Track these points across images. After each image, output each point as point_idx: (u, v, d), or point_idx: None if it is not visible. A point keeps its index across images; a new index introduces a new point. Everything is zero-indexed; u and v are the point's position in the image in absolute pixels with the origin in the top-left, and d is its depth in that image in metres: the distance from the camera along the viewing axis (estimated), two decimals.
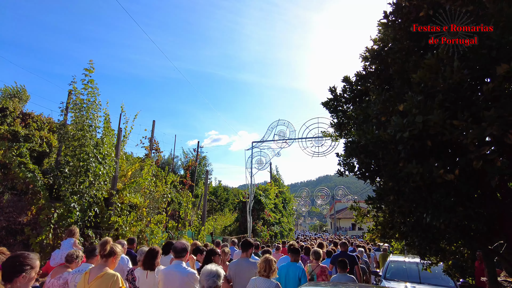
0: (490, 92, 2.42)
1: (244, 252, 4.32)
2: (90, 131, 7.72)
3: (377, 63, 4.00)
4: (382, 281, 6.55)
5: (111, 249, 3.20)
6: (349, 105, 4.64)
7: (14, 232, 7.75)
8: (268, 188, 20.97)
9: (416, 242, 3.57)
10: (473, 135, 2.33)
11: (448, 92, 2.61)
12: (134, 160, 10.99)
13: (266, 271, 3.54)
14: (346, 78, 4.55)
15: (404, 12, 3.38)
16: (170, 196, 10.60)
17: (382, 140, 3.04)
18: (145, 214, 8.93)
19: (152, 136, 14.01)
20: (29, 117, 10.79)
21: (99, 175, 7.69)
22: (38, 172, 7.05)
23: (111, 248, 3.20)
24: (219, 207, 27.33)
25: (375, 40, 4.10)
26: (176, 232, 10.77)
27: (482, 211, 3.04)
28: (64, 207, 6.79)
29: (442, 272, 4.83)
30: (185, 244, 3.67)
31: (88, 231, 7.30)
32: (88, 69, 7.72)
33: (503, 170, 2.37)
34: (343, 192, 39.12)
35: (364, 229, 32.88)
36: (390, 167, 3.07)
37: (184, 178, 16.25)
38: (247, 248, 4.31)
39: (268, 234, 17.75)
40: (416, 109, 2.65)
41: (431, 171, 2.63)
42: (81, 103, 7.68)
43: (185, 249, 3.60)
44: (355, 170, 4.04)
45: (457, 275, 5.03)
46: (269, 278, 3.53)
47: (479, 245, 3.40)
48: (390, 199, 3.33)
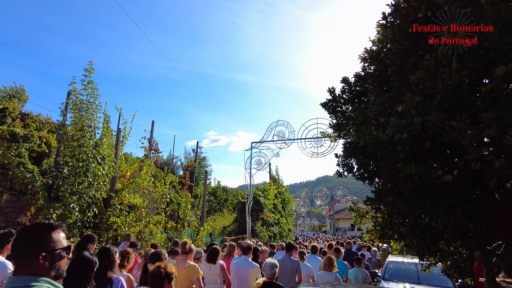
0: (488, 93, 2.43)
1: (288, 252, 5.54)
2: (89, 131, 7.71)
3: (376, 64, 4.01)
4: (381, 282, 6.56)
5: (190, 248, 4.73)
6: (348, 106, 4.65)
7: None
8: (267, 189, 20.97)
9: (414, 242, 3.57)
10: (471, 136, 2.34)
11: (447, 93, 2.62)
12: (133, 160, 10.98)
13: (329, 267, 5.09)
14: (345, 79, 4.56)
15: (402, 13, 3.39)
16: (169, 196, 10.59)
17: (380, 141, 3.04)
18: (144, 215, 8.93)
19: (151, 136, 14.00)
20: (28, 117, 10.78)
21: (98, 176, 7.69)
22: (37, 173, 7.04)
23: (189, 247, 4.73)
24: (218, 208, 27.31)
25: (373, 41, 4.11)
26: (175, 232, 10.76)
27: (480, 212, 3.05)
28: (63, 208, 6.78)
29: (441, 273, 4.83)
30: (250, 244, 4.99)
31: (87, 232, 7.29)
32: (88, 70, 7.73)
33: (501, 171, 2.38)
34: (342, 193, 39.17)
35: (363, 230, 32.86)
36: (389, 168, 3.08)
37: (183, 179, 16.24)
38: (290, 250, 5.55)
39: (267, 235, 17.74)
40: (415, 110, 2.65)
41: (429, 172, 2.64)
42: (80, 103, 7.68)
43: (249, 247, 4.93)
44: (354, 170, 4.04)
45: (455, 275, 5.04)
46: (331, 272, 5.07)
47: (478, 245, 3.41)
48: (389, 199, 3.34)
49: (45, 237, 1.51)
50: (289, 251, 5.52)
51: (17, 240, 1.53)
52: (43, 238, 1.50)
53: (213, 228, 14.71)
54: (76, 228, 7.01)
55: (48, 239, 1.51)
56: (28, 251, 1.46)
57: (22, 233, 1.54)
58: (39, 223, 1.57)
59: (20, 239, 1.52)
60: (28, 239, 1.49)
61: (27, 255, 1.46)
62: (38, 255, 1.46)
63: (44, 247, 1.48)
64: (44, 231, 1.52)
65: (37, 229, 1.53)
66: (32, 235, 1.51)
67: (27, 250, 1.47)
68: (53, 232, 1.55)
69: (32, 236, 1.50)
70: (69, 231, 6.82)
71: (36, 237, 1.50)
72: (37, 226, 1.55)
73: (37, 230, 1.53)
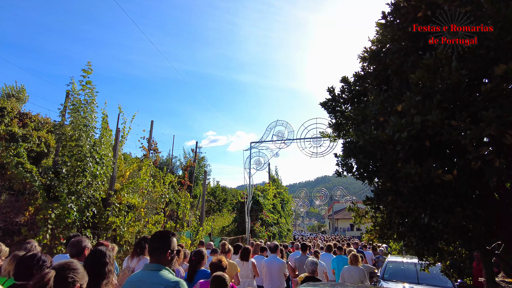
0: (488, 93, 2.43)
1: (303, 251, 6.71)
2: (87, 131, 7.68)
3: (376, 64, 4.01)
4: (381, 282, 6.55)
5: (228, 248, 5.42)
6: (348, 106, 4.64)
7: (11, 232, 7.70)
8: (266, 189, 20.96)
9: (414, 242, 3.57)
10: (471, 135, 2.33)
11: (447, 92, 2.61)
12: (132, 160, 10.95)
13: (355, 262, 5.80)
14: (345, 79, 4.55)
15: (402, 13, 3.38)
16: (168, 196, 10.57)
17: (380, 140, 3.03)
18: (143, 215, 8.90)
19: (151, 136, 13.97)
20: (27, 117, 10.75)
21: (97, 176, 7.66)
22: (35, 172, 7.00)
23: (228, 247, 5.42)
24: (217, 208, 27.27)
25: (373, 40, 4.10)
26: (175, 232, 10.73)
27: (480, 211, 3.05)
28: (62, 208, 6.75)
29: (440, 273, 4.83)
30: (276, 244, 6.15)
31: (86, 232, 7.27)
32: (86, 71, 7.70)
33: (501, 170, 2.37)
34: (342, 193, 39.18)
35: (362, 230, 32.87)
36: (389, 167, 3.07)
37: (183, 179, 16.22)
38: (305, 249, 6.76)
39: (266, 235, 17.74)
40: (415, 109, 2.65)
41: (429, 172, 2.63)
42: (78, 103, 7.66)
43: (276, 246, 6.07)
44: (353, 170, 4.04)
45: (455, 275, 5.04)
46: (358, 266, 5.75)
47: (477, 245, 3.41)
48: (388, 199, 3.33)
49: (170, 240, 2.23)
50: (304, 251, 6.71)
51: (153, 241, 2.24)
52: (170, 241, 2.22)
53: (212, 228, 14.68)
54: (75, 228, 6.98)
55: (172, 242, 2.23)
56: (162, 249, 2.18)
57: (161, 235, 2.25)
58: (167, 231, 2.30)
59: (157, 240, 2.23)
60: (163, 241, 2.21)
61: (162, 250, 2.18)
62: (166, 252, 2.19)
63: (170, 247, 2.21)
64: (170, 236, 2.25)
65: (167, 235, 2.25)
66: (164, 238, 2.22)
67: (161, 248, 2.19)
68: (173, 238, 2.27)
69: (165, 239, 2.22)
70: (67, 231, 6.79)
71: (166, 240, 2.21)
72: (166, 233, 2.27)
73: (167, 235, 2.25)
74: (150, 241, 2.31)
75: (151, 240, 2.28)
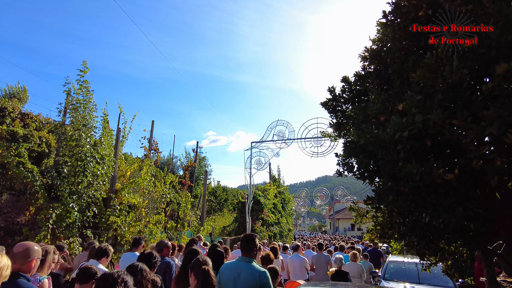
0: (490, 92, 2.42)
1: (320, 249, 7.61)
2: (86, 131, 7.70)
3: (376, 63, 4.00)
4: (381, 281, 6.54)
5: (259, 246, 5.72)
6: (348, 105, 4.63)
7: (12, 232, 7.72)
8: (267, 189, 20.95)
9: (415, 242, 3.55)
10: (472, 134, 2.32)
11: (448, 91, 2.60)
12: (133, 160, 10.96)
13: (355, 259, 6.80)
14: (345, 78, 4.55)
15: (403, 12, 3.37)
16: (169, 196, 10.58)
17: (381, 140, 3.03)
18: (144, 215, 8.92)
19: (151, 136, 13.99)
20: (28, 117, 10.77)
21: (98, 175, 7.67)
22: (36, 172, 7.02)
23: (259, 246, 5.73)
24: (218, 208, 27.28)
25: (374, 40, 4.09)
26: (175, 232, 10.75)
27: (481, 211, 3.03)
28: (63, 207, 6.76)
29: (441, 273, 4.82)
30: (298, 243, 7.58)
31: (87, 231, 7.28)
32: (83, 70, 7.71)
33: (502, 170, 2.36)
34: (342, 193, 39.11)
35: (363, 230, 32.83)
36: (389, 167, 3.06)
37: (183, 179, 16.22)
38: (321, 247, 7.73)
39: (267, 235, 17.73)
40: (416, 108, 2.64)
41: (430, 171, 2.62)
42: (77, 103, 7.68)
43: (298, 246, 7.53)
44: (354, 170, 4.02)
45: (456, 275, 5.02)
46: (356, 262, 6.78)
47: (478, 245, 3.40)
48: (389, 199, 3.32)
49: (255, 241, 3.01)
50: (320, 249, 7.70)
51: (244, 241, 3.03)
52: (255, 242, 3.00)
53: (213, 228, 14.68)
54: (76, 228, 6.99)
55: (256, 242, 3.01)
56: (252, 246, 2.99)
57: (250, 237, 3.02)
58: (253, 235, 3.05)
59: (246, 241, 3.02)
60: (254, 240, 3.00)
61: (252, 248, 2.99)
62: (254, 248, 2.98)
63: (256, 245, 3.00)
64: (254, 238, 3.02)
65: (253, 237, 3.02)
66: (252, 240, 3.00)
67: (253, 245, 2.99)
68: (256, 238, 3.04)
69: (253, 240, 3.00)
70: (68, 231, 6.80)
71: (255, 239, 3.01)
72: (253, 236, 3.03)
73: (253, 238, 3.02)
74: (241, 241, 3.09)
75: (243, 241, 3.06)
